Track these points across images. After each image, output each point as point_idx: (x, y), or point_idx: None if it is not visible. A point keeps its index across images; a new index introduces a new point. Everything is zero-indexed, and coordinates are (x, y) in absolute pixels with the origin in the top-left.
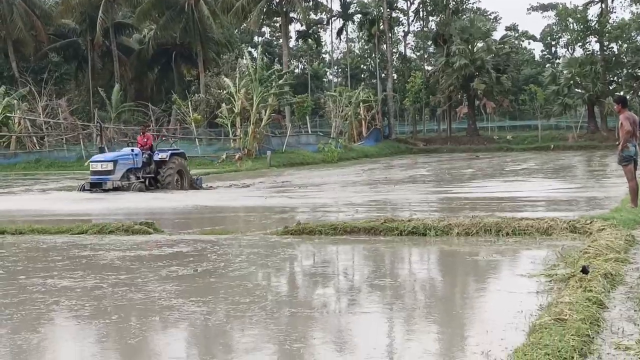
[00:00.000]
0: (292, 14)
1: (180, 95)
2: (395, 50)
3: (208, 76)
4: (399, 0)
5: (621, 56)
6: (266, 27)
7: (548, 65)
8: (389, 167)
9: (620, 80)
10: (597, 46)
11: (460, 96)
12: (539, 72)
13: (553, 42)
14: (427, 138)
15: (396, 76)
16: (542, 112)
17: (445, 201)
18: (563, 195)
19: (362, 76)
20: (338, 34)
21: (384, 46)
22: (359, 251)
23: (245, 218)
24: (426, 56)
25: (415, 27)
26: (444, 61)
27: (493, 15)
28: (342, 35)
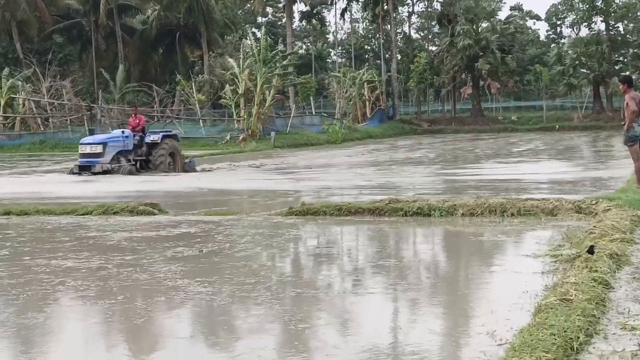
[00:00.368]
0: None
1: (184, 76)
2: (399, 30)
3: (212, 57)
4: None
5: (627, 36)
6: (270, 8)
7: (553, 45)
8: (393, 148)
9: (626, 60)
10: (603, 26)
11: (464, 77)
12: (544, 52)
13: (558, 22)
14: (432, 119)
15: (400, 57)
16: (547, 93)
17: (449, 182)
18: (568, 176)
19: (366, 57)
20: (342, 15)
21: (388, 26)
22: (364, 232)
23: (248, 200)
24: (430, 36)
25: (419, 7)
26: (449, 41)
27: None
28: (346, 15)
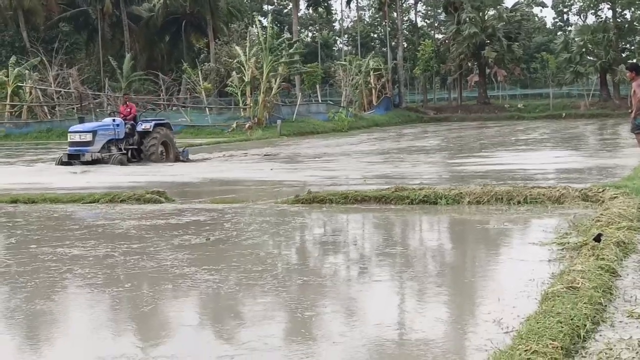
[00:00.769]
0: None
1: (190, 64)
2: (405, 18)
3: (218, 45)
4: None
5: (634, 23)
6: None
7: (560, 32)
8: (400, 136)
9: (633, 47)
10: (610, 13)
11: (471, 64)
12: (551, 40)
13: (565, 9)
14: (438, 107)
15: (406, 44)
16: (554, 80)
17: (455, 171)
18: (575, 163)
19: (373, 45)
20: (348, 2)
21: (395, 14)
22: (370, 220)
23: (253, 189)
24: (436, 24)
25: None
26: (455, 29)
27: None
28: (352, 3)
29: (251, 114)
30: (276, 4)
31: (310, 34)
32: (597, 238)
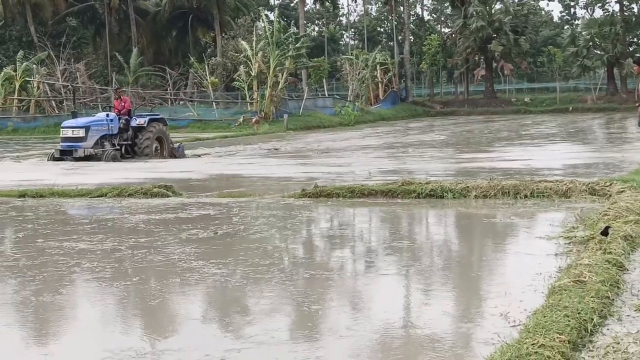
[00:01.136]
0: None
1: (197, 58)
2: (412, 12)
3: (225, 39)
4: None
5: None
6: None
7: (567, 26)
8: (406, 130)
9: None
10: (617, 7)
11: (477, 58)
12: (558, 34)
13: (572, 3)
14: (445, 101)
15: (413, 38)
16: (561, 74)
17: (461, 166)
18: (581, 157)
19: (379, 39)
20: None
21: (401, 8)
22: (377, 213)
23: (258, 185)
24: (443, 18)
25: None
26: (462, 23)
27: None
28: None
29: (258, 109)
30: None
31: (316, 28)
32: (605, 232)
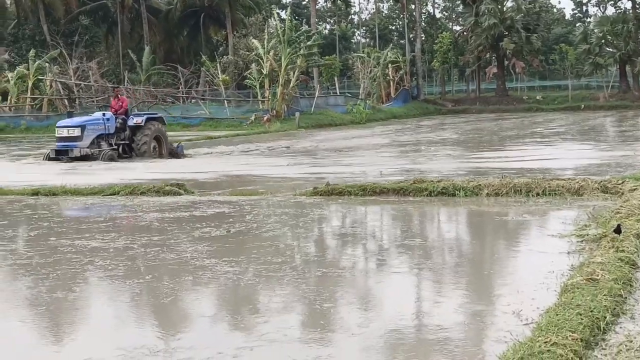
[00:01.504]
0: None
1: (209, 57)
2: (423, 10)
3: (236, 38)
4: None
5: None
6: None
7: (579, 24)
8: (417, 128)
9: None
10: (629, 4)
11: (489, 56)
12: (570, 32)
13: (584, 1)
14: (456, 98)
15: (424, 36)
16: (573, 72)
17: (472, 164)
18: (594, 155)
19: (391, 37)
20: None
21: (413, 6)
22: (388, 211)
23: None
24: (454, 16)
25: None
26: (473, 21)
27: None
28: None
29: (269, 107)
30: None
31: (328, 27)
32: (617, 230)
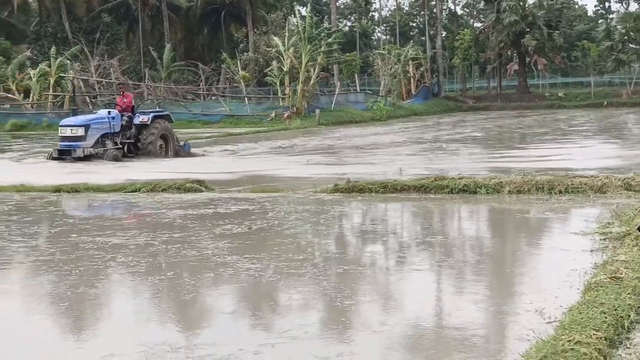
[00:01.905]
0: None
1: (229, 54)
2: (444, 7)
3: (257, 35)
4: None
5: None
6: None
7: (601, 20)
8: (437, 125)
9: None
10: None
11: (510, 53)
12: (592, 28)
13: None
14: (477, 95)
15: (445, 33)
16: (595, 69)
17: (493, 163)
18: (617, 152)
19: (411, 34)
20: None
21: (433, 2)
22: (409, 208)
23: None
24: (475, 13)
25: None
26: (494, 17)
27: None
28: None
29: (290, 104)
30: None
31: (348, 23)
32: None
